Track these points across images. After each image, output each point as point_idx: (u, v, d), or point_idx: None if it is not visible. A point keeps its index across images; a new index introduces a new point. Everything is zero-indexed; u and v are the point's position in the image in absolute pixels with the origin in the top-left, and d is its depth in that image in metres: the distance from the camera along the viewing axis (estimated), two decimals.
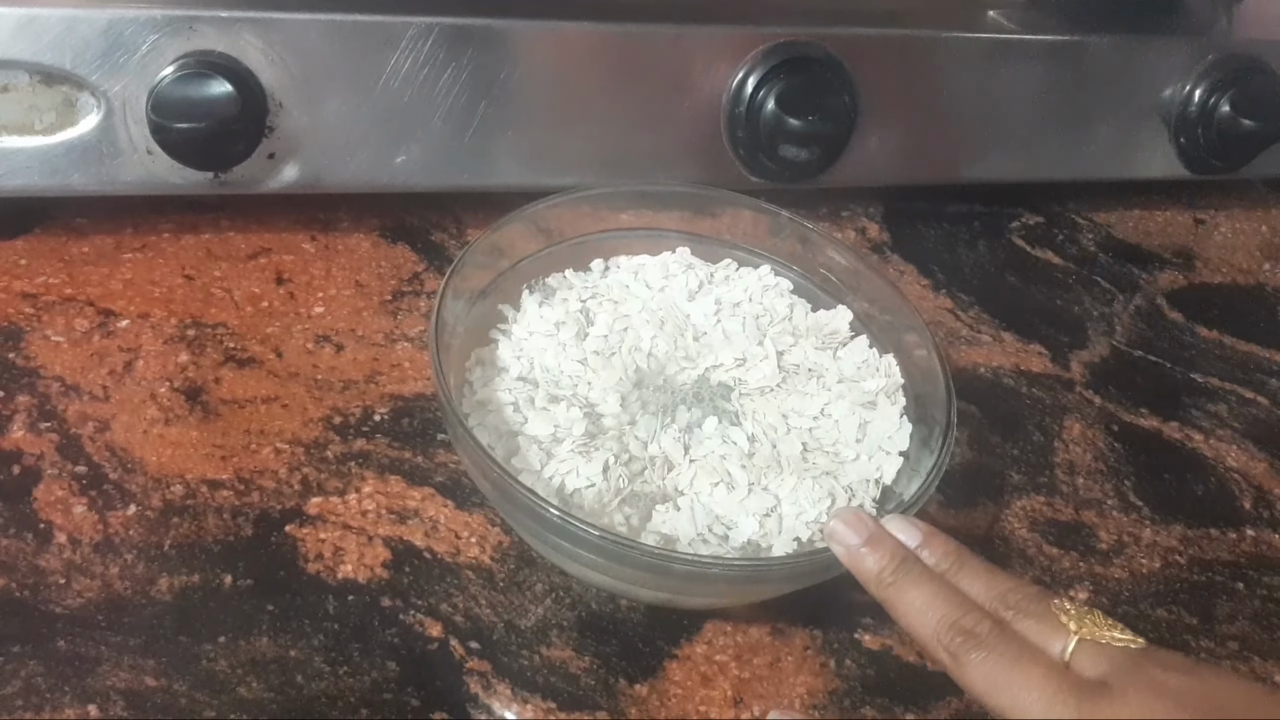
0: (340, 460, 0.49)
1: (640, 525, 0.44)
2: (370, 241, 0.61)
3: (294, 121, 0.54)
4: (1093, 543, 0.53)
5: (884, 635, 0.47)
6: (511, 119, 0.57)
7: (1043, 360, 0.62)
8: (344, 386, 0.52)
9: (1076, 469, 0.56)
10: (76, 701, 0.39)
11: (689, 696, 0.43)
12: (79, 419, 0.49)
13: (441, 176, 0.58)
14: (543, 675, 0.43)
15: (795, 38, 0.59)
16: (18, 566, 0.43)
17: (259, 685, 0.41)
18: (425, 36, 0.54)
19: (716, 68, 0.59)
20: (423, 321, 0.56)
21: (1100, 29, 0.67)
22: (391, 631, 0.43)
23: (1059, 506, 0.54)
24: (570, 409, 0.47)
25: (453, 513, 0.48)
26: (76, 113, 0.52)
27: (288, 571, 0.45)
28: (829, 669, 0.45)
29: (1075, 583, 0.50)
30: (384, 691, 0.41)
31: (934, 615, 0.38)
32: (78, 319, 0.53)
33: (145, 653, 0.41)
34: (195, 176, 0.54)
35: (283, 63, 0.53)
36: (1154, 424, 0.60)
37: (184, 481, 0.47)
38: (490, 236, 0.50)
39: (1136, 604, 0.50)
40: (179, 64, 0.51)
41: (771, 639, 0.46)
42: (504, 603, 0.45)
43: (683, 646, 0.45)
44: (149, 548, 0.44)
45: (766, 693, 0.44)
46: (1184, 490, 0.56)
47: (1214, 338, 0.67)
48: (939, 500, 0.52)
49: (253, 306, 0.56)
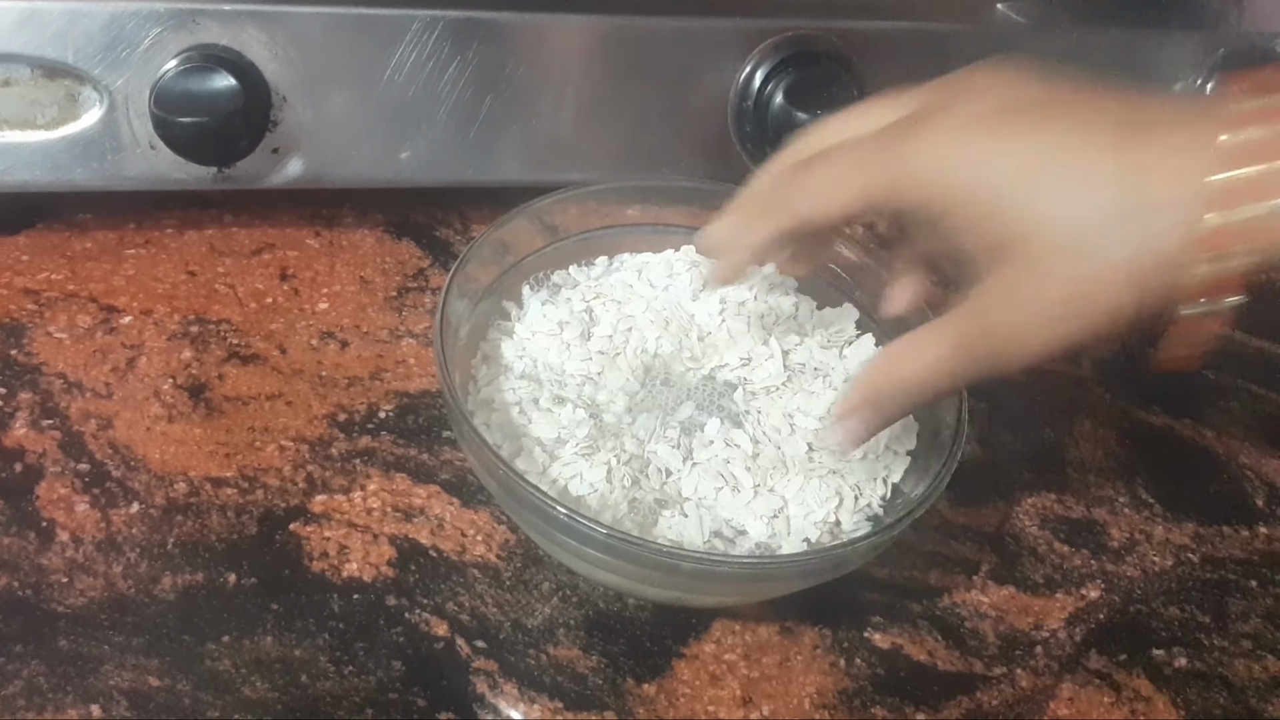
0: (345, 458, 0.49)
1: (645, 533, 0.44)
2: (375, 237, 0.60)
3: (298, 116, 0.54)
4: (1104, 540, 0.52)
5: (894, 634, 0.46)
6: (517, 114, 0.57)
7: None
8: (349, 383, 0.52)
9: (1087, 466, 0.56)
10: (79, 702, 0.39)
11: (697, 696, 0.43)
12: (81, 416, 0.48)
13: (446, 172, 0.58)
14: (550, 675, 0.43)
15: (803, 31, 0.58)
16: (20, 565, 0.43)
17: (263, 685, 0.40)
18: (430, 30, 0.53)
19: (724, 61, 0.58)
20: (428, 318, 0.56)
21: (1110, 22, 0.66)
22: (397, 630, 0.43)
23: (1070, 504, 0.53)
24: (576, 410, 0.47)
25: (459, 511, 0.48)
26: (79, 107, 0.51)
27: (292, 570, 0.44)
28: (839, 668, 0.45)
29: (1087, 580, 0.50)
30: (389, 691, 0.41)
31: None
32: (80, 315, 0.53)
33: (148, 652, 0.41)
34: (198, 171, 0.53)
35: (287, 57, 0.52)
36: (1165, 421, 0.59)
37: (187, 479, 0.47)
38: (495, 232, 0.50)
39: (1149, 602, 0.50)
40: (182, 58, 0.51)
41: (780, 638, 0.45)
42: (510, 601, 0.45)
43: (691, 645, 0.45)
44: (152, 546, 0.44)
45: (775, 692, 0.43)
46: (1196, 488, 0.56)
47: (1224, 335, 0.66)
48: (949, 498, 0.51)
49: (256, 303, 0.55)
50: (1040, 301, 0.35)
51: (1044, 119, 0.36)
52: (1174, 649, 0.48)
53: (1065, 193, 0.34)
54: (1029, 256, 0.35)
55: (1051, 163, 0.35)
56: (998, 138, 0.36)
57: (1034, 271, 0.35)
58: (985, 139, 0.36)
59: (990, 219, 0.36)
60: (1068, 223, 0.34)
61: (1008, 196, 0.35)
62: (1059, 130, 0.35)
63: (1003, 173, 0.35)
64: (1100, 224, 0.34)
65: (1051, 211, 0.34)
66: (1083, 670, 0.47)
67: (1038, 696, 0.45)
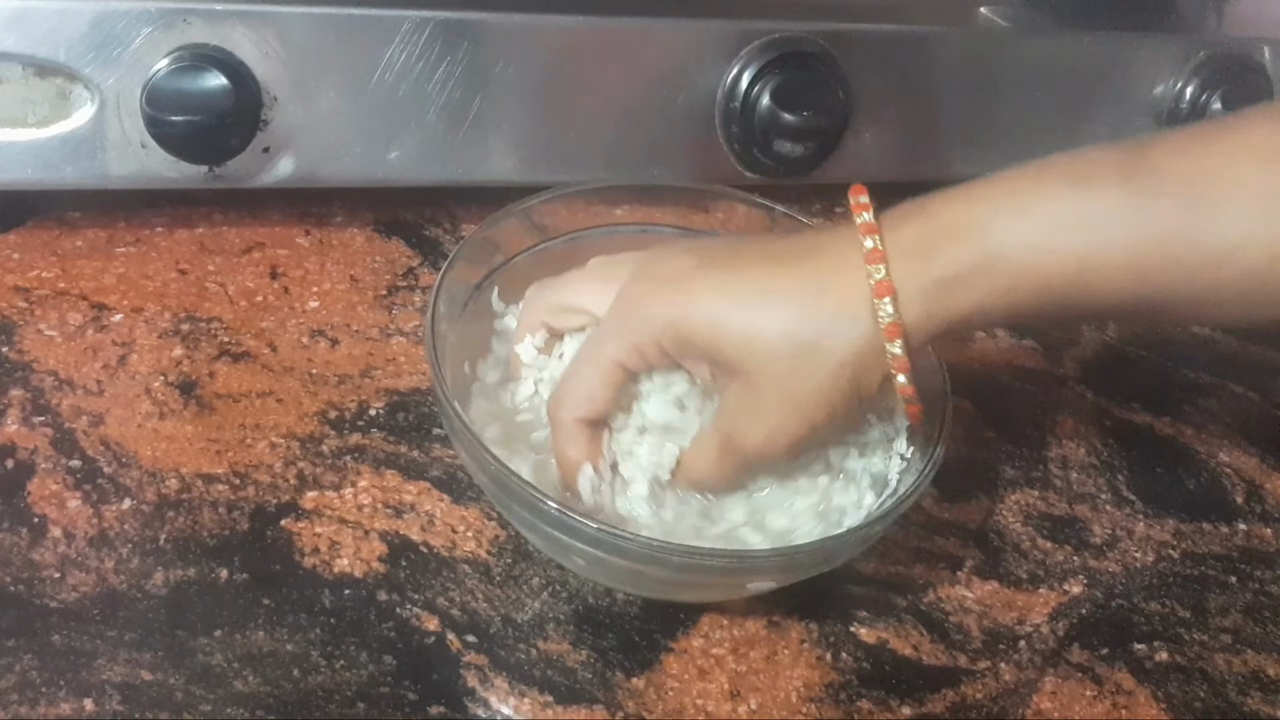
0: (336, 454, 0.49)
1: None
2: (364, 236, 0.61)
3: (289, 115, 0.54)
4: (1086, 536, 0.53)
5: (880, 628, 0.47)
6: (506, 114, 0.57)
7: (1036, 356, 0.62)
8: (339, 381, 0.52)
9: (1070, 463, 0.56)
10: (72, 696, 0.39)
11: (686, 690, 0.43)
12: (73, 413, 0.48)
13: (436, 171, 0.58)
14: (539, 669, 0.43)
15: (790, 33, 0.59)
16: (12, 561, 0.43)
17: (255, 679, 0.41)
18: (420, 30, 0.54)
19: (711, 62, 0.59)
20: (417, 316, 0.56)
21: (1091, 26, 0.67)
22: (388, 625, 0.43)
23: (1052, 500, 0.54)
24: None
25: (449, 507, 0.48)
26: (70, 106, 0.51)
27: (283, 565, 0.44)
28: (825, 662, 0.45)
29: (1069, 576, 0.51)
30: (381, 685, 0.41)
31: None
32: (71, 313, 0.53)
33: (141, 647, 0.41)
34: (189, 170, 0.54)
35: (278, 56, 0.52)
36: (1146, 419, 0.60)
37: (179, 476, 0.47)
38: (484, 232, 0.50)
39: (1130, 597, 0.50)
40: (173, 57, 0.51)
41: (768, 632, 0.46)
42: (500, 596, 0.45)
43: (679, 640, 0.45)
44: (144, 542, 0.44)
45: (763, 686, 0.44)
46: (1176, 485, 0.57)
47: (1204, 333, 0.67)
48: (934, 494, 0.52)
49: (247, 301, 0.55)
50: (762, 408, 0.42)
51: (721, 273, 0.42)
52: (1155, 643, 0.49)
53: (754, 320, 0.41)
54: (742, 375, 0.41)
55: (734, 298, 0.41)
56: (689, 294, 0.42)
57: (749, 386, 0.41)
58: (680, 300, 0.42)
59: (707, 353, 0.42)
60: (760, 341, 0.41)
61: (709, 334, 0.41)
62: (736, 274, 0.42)
63: (701, 317, 0.41)
64: (791, 338, 0.40)
65: (746, 336, 0.41)
66: (1065, 664, 0.47)
67: (1021, 690, 0.46)
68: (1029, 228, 0.39)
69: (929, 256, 0.39)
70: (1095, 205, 0.39)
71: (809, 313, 0.40)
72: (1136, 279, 0.39)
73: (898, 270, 0.39)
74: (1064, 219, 0.39)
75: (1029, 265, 0.39)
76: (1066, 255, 0.39)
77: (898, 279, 0.39)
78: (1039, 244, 0.39)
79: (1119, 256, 0.39)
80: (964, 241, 0.39)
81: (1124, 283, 0.39)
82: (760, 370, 0.41)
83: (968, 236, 0.39)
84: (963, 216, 0.40)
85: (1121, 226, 0.39)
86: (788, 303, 0.41)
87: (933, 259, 0.39)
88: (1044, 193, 0.40)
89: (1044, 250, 0.39)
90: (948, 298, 0.40)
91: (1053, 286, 0.39)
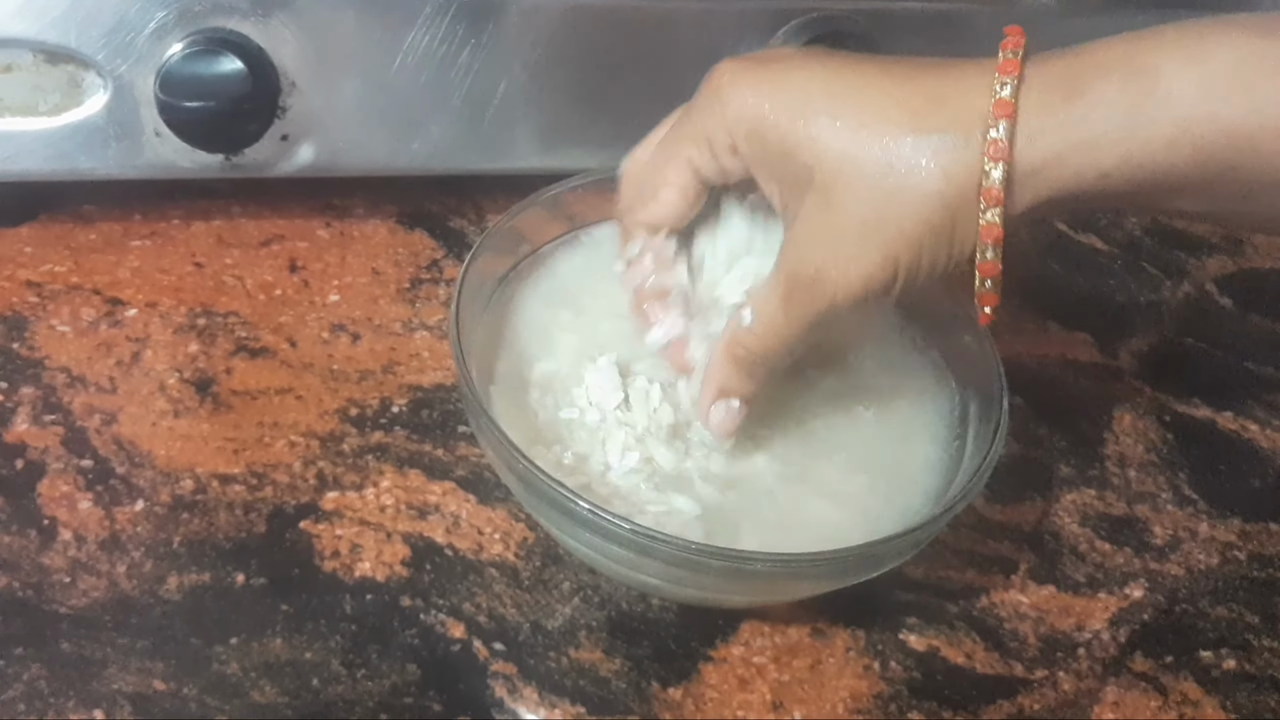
0: (357, 453, 0.47)
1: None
2: (387, 228, 0.59)
3: (308, 102, 0.52)
4: (1147, 538, 0.50)
5: (930, 635, 0.45)
6: (533, 99, 0.55)
7: (1089, 349, 0.60)
8: (360, 377, 0.51)
9: (1128, 461, 0.54)
10: (82, 706, 0.38)
11: (725, 701, 0.42)
12: (85, 411, 0.47)
13: (460, 159, 0.56)
14: (571, 678, 0.41)
15: (828, 12, 0.57)
16: (21, 565, 0.42)
17: (273, 689, 0.39)
18: (444, 12, 0.52)
19: (746, 43, 0.57)
20: (442, 310, 0.55)
21: (1140, 4, 0.65)
22: (412, 632, 0.42)
23: (1111, 500, 0.52)
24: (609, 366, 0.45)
25: (475, 508, 0.46)
26: (82, 93, 0.50)
27: (303, 569, 0.43)
28: (873, 671, 0.43)
29: (1130, 580, 0.48)
30: (404, 695, 0.40)
31: None
32: (84, 308, 0.52)
33: (153, 655, 0.40)
34: (205, 159, 0.52)
35: (296, 40, 0.51)
36: (1207, 414, 0.57)
37: (194, 476, 0.46)
38: (510, 221, 0.49)
39: (1195, 601, 0.48)
40: (188, 41, 0.49)
41: (811, 640, 0.44)
42: (530, 602, 0.43)
43: (718, 648, 0.43)
44: (157, 545, 0.43)
45: (808, 697, 0.42)
46: (1241, 483, 0.54)
47: (1266, 325, 0.64)
48: (986, 495, 0.50)
49: (265, 295, 0.54)
50: (838, 234, 0.36)
51: (829, 65, 0.37)
52: (1222, 650, 0.47)
53: (846, 120, 0.35)
54: (819, 191, 0.36)
55: (829, 93, 0.36)
56: (780, 76, 0.37)
57: (825, 206, 0.36)
58: (768, 80, 0.37)
59: (780, 156, 0.36)
60: (850, 147, 0.35)
61: (788, 128, 0.36)
62: (843, 70, 0.36)
63: (784, 107, 0.36)
64: (883, 147, 0.35)
65: (834, 138, 0.35)
66: (1127, 673, 0.45)
67: (1081, 700, 0.44)
68: (1209, 72, 0.34)
69: (1077, 91, 0.34)
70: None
71: (917, 122, 0.35)
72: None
73: (1028, 97, 0.34)
74: (1251, 68, 0.34)
75: (1205, 115, 0.34)
76: (1248, 111, 0.34)
77: (1025, 106, 0.34)
78: (1218, 92, 0.34)
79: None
80: (1124, 81, 0.34)
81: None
82: (842, 185, 0.35)
83: (1130, 77, 0.34)
84: (1123, 57, 0.35)
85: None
86: (894, 105, 0.35)
87: (1081, 94, 0.34)
88: (1229, 40, 0.34)
89: (1222, 99, 0.34)
90: (1089, 145, 0.34)
91: (1222, 144, 0.34)
